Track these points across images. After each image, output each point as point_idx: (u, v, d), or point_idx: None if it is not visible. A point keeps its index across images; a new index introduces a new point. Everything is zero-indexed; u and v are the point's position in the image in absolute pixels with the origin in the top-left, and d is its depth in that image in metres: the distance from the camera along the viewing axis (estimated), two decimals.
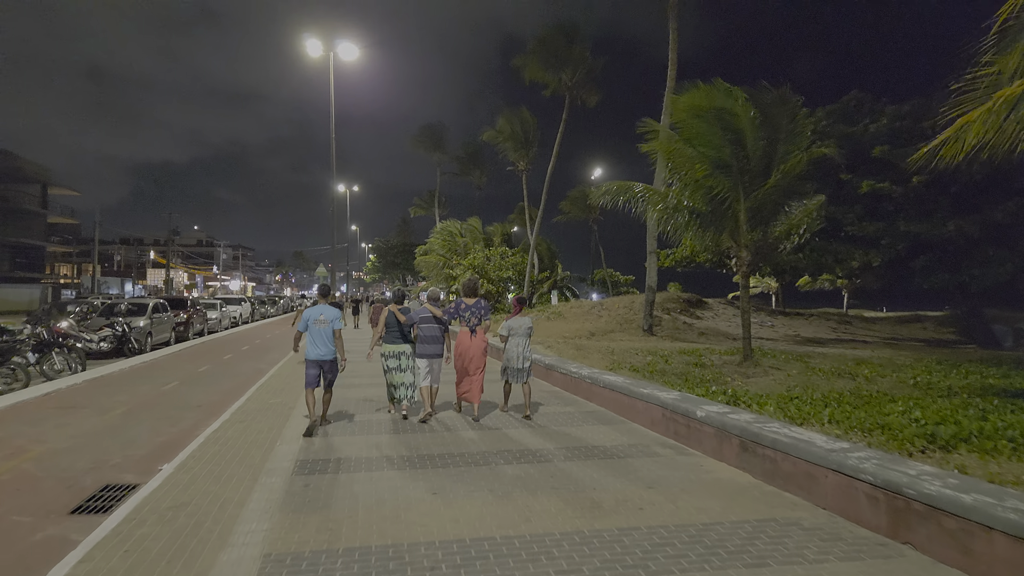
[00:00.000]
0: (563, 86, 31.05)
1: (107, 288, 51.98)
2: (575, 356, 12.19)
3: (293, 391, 9.52)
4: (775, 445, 4.65)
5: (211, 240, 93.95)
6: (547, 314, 21.45)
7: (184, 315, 19.41)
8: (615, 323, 18.34)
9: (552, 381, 10.06)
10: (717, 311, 22.13)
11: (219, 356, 15.02)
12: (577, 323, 19.05)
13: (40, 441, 6.46)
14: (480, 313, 7.27)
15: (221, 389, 9.94)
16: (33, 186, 45.74)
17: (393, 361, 7.34)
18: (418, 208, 58.03)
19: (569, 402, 8.57)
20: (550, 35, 30.05)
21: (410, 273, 62.67)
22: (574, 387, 9.07)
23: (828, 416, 6.06)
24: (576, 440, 6.31)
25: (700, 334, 17.56)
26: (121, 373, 11.57)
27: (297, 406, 8.25)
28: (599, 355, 12.56)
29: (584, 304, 22.55)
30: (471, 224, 40.51)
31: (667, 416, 6.36)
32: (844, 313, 29.40)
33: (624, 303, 20.94)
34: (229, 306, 27.35)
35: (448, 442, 6.23)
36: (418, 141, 48.25)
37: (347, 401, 8.61)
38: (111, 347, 14.22)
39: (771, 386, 9.03)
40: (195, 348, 16.82)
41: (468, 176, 49.17)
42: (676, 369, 10.65)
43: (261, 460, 5.58)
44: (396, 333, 7.38)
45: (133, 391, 9.62)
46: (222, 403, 8.63)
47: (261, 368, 12.67)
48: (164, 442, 6.42)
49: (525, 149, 36.20)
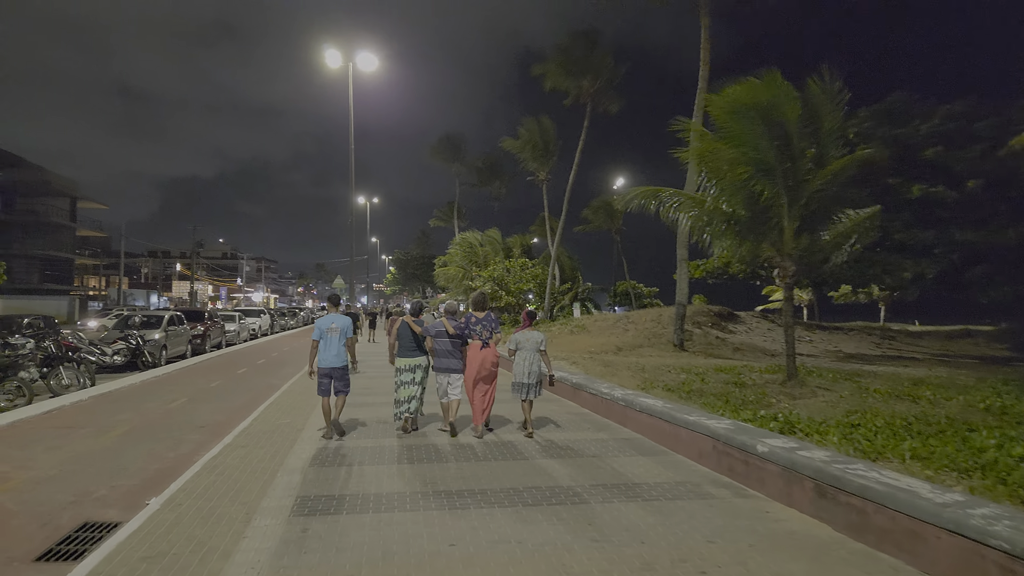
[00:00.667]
0: (584, 93, 30.44)
1: (133, 300, 52.36)
2: (603, 374, 11.43)
3: (303, 410, 8.90)
4: (864, 493, 3.87)
5: (235, 253, 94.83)
6: (570, 327, 20.67)
7: (201, 327, 19.02)
8: (643, 337, 17.52)
9: (581, 402, 9.31)
10: (750, 325, 21.17)
11: (233, 370, 14.51)
12: (602, 337, 18.25)
13: (25, 467, 5.89)
14: (491, 327, 7.21)
15: (229, 407, 9.36)
16: (62, 200, 46.31)
17: (407, 375, 7.23)
18: (437, 220, 57.80)
19: (601, 427, 7.81)
20: (571, 41, 29.54)
21: (430, 285, 62.39)
22: (606, 410, 8.32)
23: (908, 450, 5.25)
24: (614, 475, 5.56)
25: (735, 349, 16.66)
26: (130, 388, 11.07)
27: (306, 427, 7.63)
28: (628, 372, 11.78)
29: (609, 317, 21.74)
30: (491, 235, 39.98)
31: (719, 449, 5.59)
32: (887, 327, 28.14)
33: (651, 316, 20.09)
34: (248, 318, 27.03)
35: (467, 475, 5.53)
36: (437, 152, 47.95)
37: (360, 422, 7.97)
38: (125, 360, 13.79)
39: (822, 409, 8.19)
40: (211, 361, 16.36)
41: (487, 187, 48.77)
42: (714, 389, 9.83)
43: (258, 494, 4.93)
44: (411, 345, 7.28)
45: (138, 408, 9.08)
46: (228, 423, 8.04)
47: (274, 383, 12.10)
48: (159, 470, 5.81)
49: (545, 158, 35.59)
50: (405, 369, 7.24)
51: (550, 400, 9.88)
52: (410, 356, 7.26)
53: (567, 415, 8.61)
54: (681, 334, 15.91)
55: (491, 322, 7.24)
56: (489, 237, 39.37)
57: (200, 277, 73.45)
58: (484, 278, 31.62)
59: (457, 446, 6.69)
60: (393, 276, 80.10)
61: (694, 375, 11.38)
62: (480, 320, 7.21)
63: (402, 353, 7.30)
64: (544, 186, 36.10)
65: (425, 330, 7.26)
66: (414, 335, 7.30)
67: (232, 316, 24.29)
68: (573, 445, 6.75)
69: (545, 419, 8.30)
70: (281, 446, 6.66)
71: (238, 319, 24.28)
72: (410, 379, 7.22)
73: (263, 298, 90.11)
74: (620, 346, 16.25)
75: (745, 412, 7.51)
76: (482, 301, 7.47)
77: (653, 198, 12.44)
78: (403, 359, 7.26)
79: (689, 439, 6.12)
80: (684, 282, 15.95)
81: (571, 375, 10.22)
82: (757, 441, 5.09)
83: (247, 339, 25.46)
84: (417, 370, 7.24)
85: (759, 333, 20.55)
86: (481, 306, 7.38)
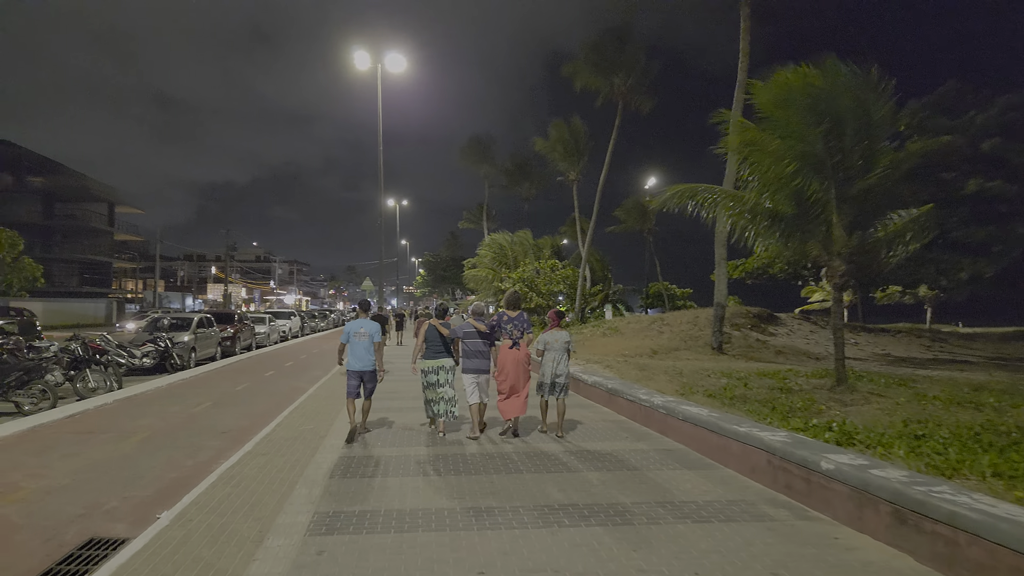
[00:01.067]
0: (616, 92, 29.84)
1: (169, 302, 53.36)
2: (638, 378, 10.92)
3: (327, 415, 8.60)
4: (954, 521, 3.34)
5: (268, 256, 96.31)
6: (602, 329, 20.13)
7: (231, 330, 19.01)
8: (679, 340, 16.89)
9: (616, 408, 8.82)
10: (791, 327, 20.33)
11: (261, 373, 14.37)
12: (636, 340, 17.68)
13: (38, 476, 5.67)
14: (523, 326, 7.17)
15: (254, 411, 9.12)
16: (100, 205, 47.50)
17: (433, 376, 7.16)
18: (467, 222, 57.61)
19: (640, 436, 7.32)
20: (602, 39, 28.99)
21: (459, 287, 62.26)
22: (644, 418, 7.81)
23: (988, 466, 4.67)
24: (658, 491, 5.08)
25: (777, 353, 15.93)
26: (156, 391, 10.94)
27: (329, 434, 7.31)
28: (666, 377, 11.25)
29: (643, 319, 21.13)
30: (521, 236, 39.57)
31: (775, 464, 5.06)
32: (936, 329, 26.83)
33: (687, 318, 19.43)
34: (278, 320, 27.09)
35: (498, 488, 5.11)
36: (466, 154, 47.76)
37: (386, 429, 7.63)
38: (153, 363, 13.75)
39: (878, 417, 7.59)
40: (239, 364, 16.28)
41: (517, 189, 48.36)
42: (758, 395, 9.26)
43: (274, 509, 4.59)
44: (437, 347, 7.23)
45: (161, 413, 8.89)
46: (250, 429, 7.77)
47: (300, 387, 11.88)
48: (174, 480, 5.53)
49: (576, 159, 35.06)
50: (430, 371, 7.17)
51: (584, 406, 9.42)
52: (435, 358, 7.19)
53: (603, 422, 8.13)
54: (720, 337, 15.26)
55: (523, 322, 7.19)
56: (519, 238, 38.98)
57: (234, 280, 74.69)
58: (514, 280, 31.24)
59: (487, 455, 6.28)
60: (423, 278, 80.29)
61: (736, 380, 10.80)
62: (512, 319, 7.16)
63: (428, 355, 7.24)
64: (575, 186, 35.58)
65: (453, 332, 7.23)
66: (442, 337, 7.23)
67: (262, 318, 24.33)
68: (611, 456, 6.28)
69: (580, 426, 7.85)
70: (303, 454, 6.34)
71: (268, 321, 24.31)
72: (435, 380, 7.14)
73: (295, 300, 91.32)
74: (655, 349, 15.67)
75: (795, 420, 6.98)
76: (515, 300, 7.39)
77: (691, 196, 11.91)
78: (428, 361, 7.21)
79: (740, 452, 5.60)
80: (723, 283, 15.30)
81: (606, 379, 9.74)
82: (820, 457, 4.57)
83: (277, 341, 25.50)
84: (441, 371, 7.15)
85: (801, 335, 19.70)
86: (514, 305, 7.32)
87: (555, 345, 7.14)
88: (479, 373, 7.15)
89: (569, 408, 9.11)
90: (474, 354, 7.15)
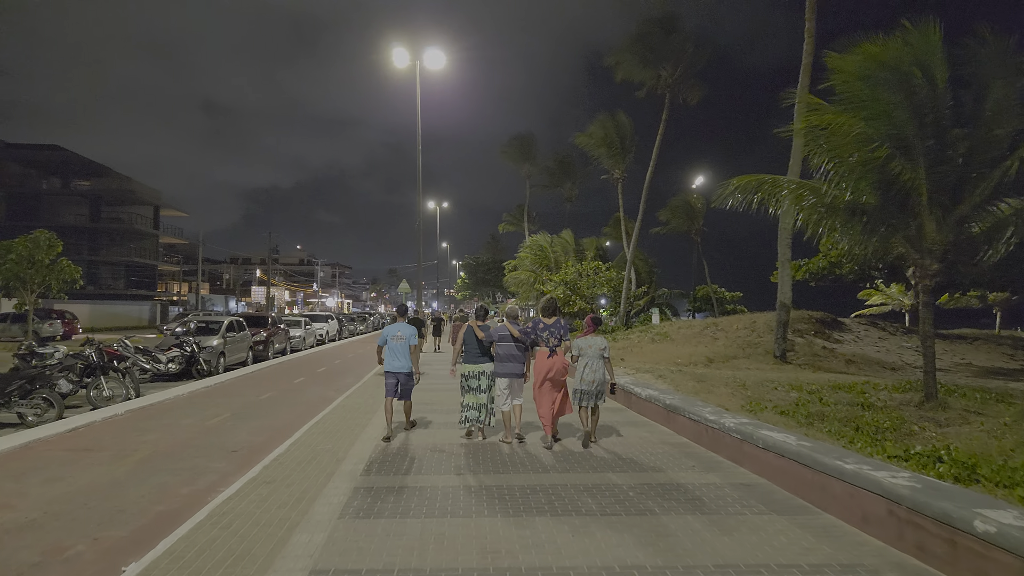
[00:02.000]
0: (662, 83, 28.49)
1: (212, 305, 54.14)
2: (696, 390, 9.76)
3: (350, 431, 7.72)
4: None
5: (311, 259, 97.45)
6: (651, 335, 18.86)
7: (264, 333, 18.49)
8: (736, 347, 15.54)
9: (677, 428, 7.68)
10: (858, 333, 18.68)
11: (290, 379, 13.69)
12: (688, 346, 16.39)
13: (6, 506, 4.91)
14: (559, 333, 6.97)
15: (272, 425, 8.33)
16: (146, 208, 48.37)
17: (473, 381, 7.15)
18: (507, 224, 56.66)
19: (709, 464, 6.19)
20: (646, 28, 27.69)
21: (499, 290, 61.45)
22: (712, 442, 6.67)
23: None
24: (748, 547, 3.97)
25: (847, 362, 14.44)
26: (175, 401, 10.30)
27: (348, 457, 6.41)
28: (727, 389, 10.05)
29: (694, 324, 19.76)
30: (563, 238, 38.49)
31: (900, 516, 3.90)
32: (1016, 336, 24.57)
33: (743, 323, 18.01)
34: (315, 323, 26.66)
35: (543, 539, 4.07)
36: (507, 152, 46.82)
37: (413, 451, 6.67)
38: (179, 369, 13.20)
39: (984, 441, 6.36)
40: (270, 370, 15.68)
41: (559, 188, 47.20)
42: (837, 412, 8.04)
43: (263, 565, 3.67)
44: (476, 351, 7.18)
45: (172, 426, 8.17)
46: (263, 447, 6.95)
47: (328, 396, 11.10)
48: (160, 515, 4.70)
49: (621, 155, 33.75)
50: (471, 376, 7.14)
51: (638, 424, 8.32)
52: (476, 363, 7.16)
53: (662, 446, 7.01)
54: (783, 344, 13.88)
55: (560, 328, 6.99)
56: (561, 239, 37.88)
57: (277, 283, 75.66)
58: (556, 282, 30.17)
59: (529, 489, 5.25)
60: (463, 281, 79.83)
61: (808, 394, 9.55)
62: (548, 327, 6.96)
63: (468, 360, 7.21)
64: (619, 185, 34.25)
65: (488, 335, 7.10)
66: (478, 341, 7.17)
67: (298, 321, 23.87)
68: (678, 491, 5.18)
69: (637, 450, 6.76)
70: (314, 482, 5.44)
71: (303, 324, 23.82)
72: (476, 386, 7.12)
73: (337, 303, 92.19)
74: (711, 357, 14.39)
75: (892, 446, 5.78)
76: (551, 306, 7.19)
77: (756, 189, 10.69)
78: (468, 365, 7.18)
79: (846, 495, 4.44)
80: (787, 284, 13.91)
81: (662, 393, 8.60)
82: (971, 514, 3.40)
83: (313, 345, 25.03)
84: (482, 377, 7.12)
85: (869, 342, 18.06)
86: (550, 312, 7.11)
87: (589, 352, 6.86)
88: (512, 377, 6.97)
89: (623, 427, 8.08)
90: (507, 358, 6.98)
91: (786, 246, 13.84)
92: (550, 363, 6.86)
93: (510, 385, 6.99)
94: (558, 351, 6.92)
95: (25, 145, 42.31)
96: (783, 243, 13.85)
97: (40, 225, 29.65)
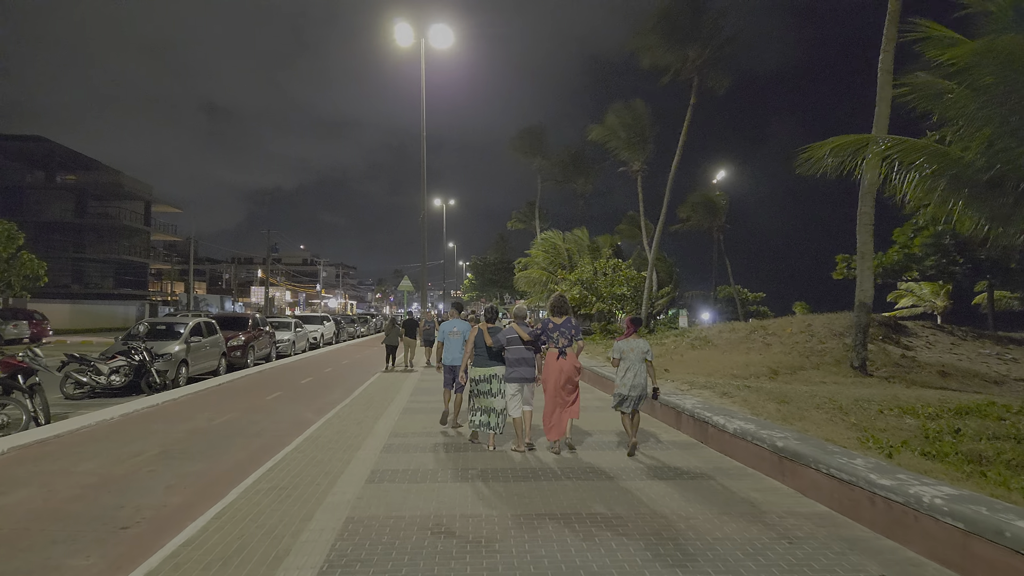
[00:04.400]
0: (689, 66, 26.01)
1: (207, 305, 51.66)
2: (781, 415, 7.32)
3: (321, 480, 5.24)
4: None
5: (314, 259, 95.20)
6: (689, 340, 16.32)
7: (243, 337, 16.02)
8: (797, 355, 13.01)
9: (800, 485, 5.14)
10: (926, 338, 16.11)
11: (264, 394, 11.27)
12: (737, 354, 13.86)
13: None
14: (570, 333, 6.61)
15: (211, 472, 5.90)
16: (136, 203, 46.07)
17: (484, 385, 6.73)
18: (516, 222, 54.02)
19: (852, 542, 3.70)
20: (672, 6, 25.24)
21: (508, 291, 58.98)
22: (889, 522, 4.13)
23: None
24: None
25: (940, 374, 11.87)
26: (95, 429, 7.87)
27: (306, 530, 3.94)
28: (822, 414, 7.57)
29: (737, 327, 17.19)
30: (576, 235, 35.99)
31: None
32: None
33: (797, 327, 15.43)
34: (308, 325, 24.18)
35: None
36: (517, 146, 44.13)
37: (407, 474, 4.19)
38: (125, 381, 10.74)
39: None
40: (243, 381, 13.25)
41: (571, 184, 44.66)
42: (997, 450, 5.62)
43: None
44: (486, 354, 6.75)
45: (62, 474, 5.75)
46: (173, 519, 4.53)
47: (304, 419, 8.69)
48: None
49: (640, 146, 31.25)
50: (481, 379, 6.76)
51: (733, 474, 5.78)
52: (486, 366, 6.75)
53: (792, 518, 4.49)
54: (863, 352, 11.33)
55: (570, 328, 6.64)
56: (575, 236, 35.38)
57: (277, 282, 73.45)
58: (571, 281, 27.72)
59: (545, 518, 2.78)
60: (470, 282, 77.46)
61: (925, 418, 7.18)
62: (558, 326, 6.60)
63: (477, 363, 6.80)
64: (638, 178, 31.73)
65: (497, 339, 6.66)
66: (488, 346, 6.73)
67: (286, 323, 21.39)
68: None
69: (757, 528, 4.24)
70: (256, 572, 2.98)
71: (293, 327, 21.33)
72: (487, 389, 6.71)
73: (340, 303, 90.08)
74: (774, 367, 11.86)
75: None
76: (561, 305, 6.85)
77: (857, 148, 8.24)
78: (478, 368, 6.78)
79: None
80: (868, 280, 11.36)
81: (761, 427, 6.09)
82: None
83: (305, 349, 22.54)
84: (493, 380, 6.72)
85: (942, 349, 15.48)
86: (560, 310, 6.78)
87: (632, 355, 6.55)
88: (523, 382, 6.60)
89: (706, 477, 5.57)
90: (517, 362, 6.59)
91: (867, 233, 11.27)
92: (559, 365, 6.48)
93: (520, 390, 6.62)
94: (569, 352, 6.55)
95: (5, 135, 39.93)
96: (864, 229, 11.29)
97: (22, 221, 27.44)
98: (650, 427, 8.11)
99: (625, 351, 6.57)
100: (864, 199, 11.28)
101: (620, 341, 6.69)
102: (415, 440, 7.13)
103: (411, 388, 11.84)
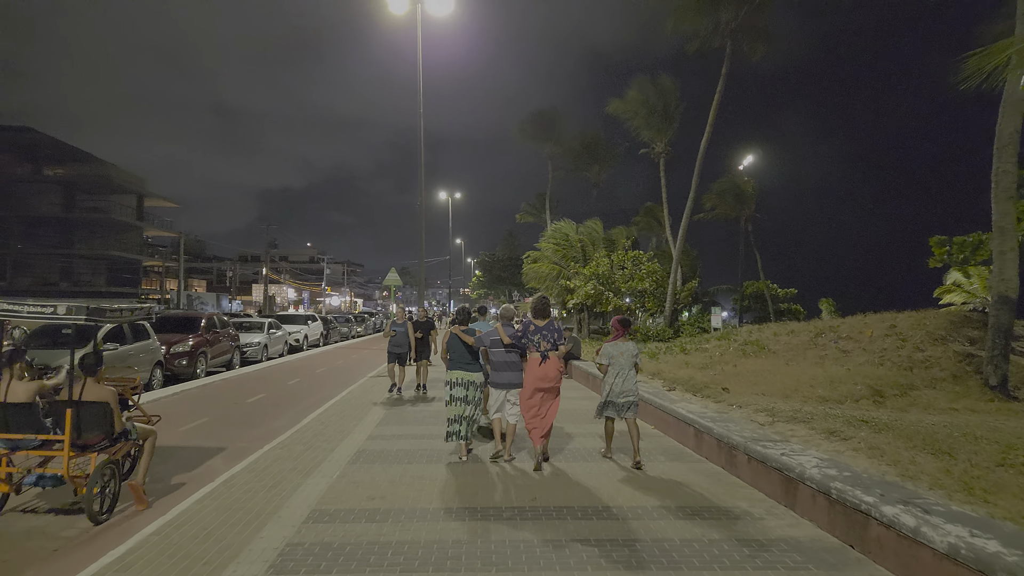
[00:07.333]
0: (722, 30, 22.89)
1: (201, 304, 49.11)
2: (955, 482, 4.28)
3: None
4: None
5: (320, 257, 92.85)
6: (738, 345, 13.18)
7: (191, 342, 13.08)
8: (893, 367, 9.87)
9: None
10: None
11: (188, 419, 8.37)
12: (809, 365, 10.72)
13: None
14: (552, 337, 6.15)
15: None
16: (128, 197, 43.51)
17: (459, 390, 6.36)
18: (526, 214, 50.87)
19: None
20: None
21: (517, 288, 55.95)
22: None
23: None
24: None
25: None
26: None
27: None
28: (1018, 477, 4.49)
29: (796, 329, 13.97)
30: (590, 226, 32.87)
31: None
32: None
33: (877, 328, 12.22)
34: (289, 326, 21.28)
35: None
36: (526, 130, 40.97)
37: None
38: None
39: None
40: (173, 399, 10.36)
41: (585, 172, 41.53)
42: None
43: None
44: (465, 358, 6.41)
45: None
46: None
47: (212, 467, 5.73)
48: None
49: (665, 125, 28.13)
50: (457, 383, 6.37)
51: None
52: (464, 369, 6.39)
53: None
54: (1005, 365, 8.20)
55: (553, 331, 6.19)
56: (588, 228, 32.27)
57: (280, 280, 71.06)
58: (586, 276, 24.67)
59: None
60: (478, 279, 74.63)
61: None
62: (540, 329, 6.15)
63: (453, 366, 6.45)
64: (661, 161, 28.60)
65: (479, 340, 6.35)
66: (466, 347, 6.40)
67: (258, 324, 18.46)
68: None
69: None
70: None
71: (267, 328, 18.36)
72: (462, 395, 6.33)
73: (344, 301, 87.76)
74: (874, 386, 8.73)
75: None
76: (544, 306, 6.40)
77: None
78: (456, 371, 6.41)
79: None
80: (1012, 265, 8.18)
81: (932, 510, 3.01)
82: None
83: (283, 353, 19.59)
84: (471, 387, 6.37)
85: None
86: (542, 312, 6.33)
87: (621, 360, 6.24)
88: (509, 387, 6.24)
89: None
90: (500, 365, 6.28)
91: (1008, 200, 8.13)
92: (542, 371, 6.07)
93: (507, 397, 6.28)
94: (551, 356, 6.12)
95: None
96: (1002, 194, 8.15)
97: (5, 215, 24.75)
98: (740, 498, 5.07)
99: (614, 355, 6.31)
100: (1002, 152, 8.14)
101: (608, 344, 6.43)
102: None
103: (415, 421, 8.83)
